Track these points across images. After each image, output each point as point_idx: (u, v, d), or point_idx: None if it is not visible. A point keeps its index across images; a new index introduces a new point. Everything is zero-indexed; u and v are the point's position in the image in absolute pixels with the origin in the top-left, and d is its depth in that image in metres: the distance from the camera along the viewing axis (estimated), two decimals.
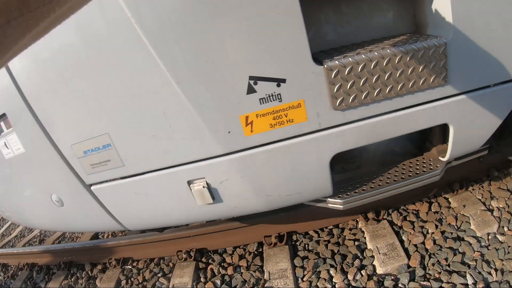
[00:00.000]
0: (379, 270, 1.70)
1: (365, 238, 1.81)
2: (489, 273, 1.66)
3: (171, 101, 1.15)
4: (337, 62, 1.07)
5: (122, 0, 1.02)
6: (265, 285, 1.72)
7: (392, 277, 1.65)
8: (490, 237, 1.81)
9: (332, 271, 1.74)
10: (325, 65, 1.07)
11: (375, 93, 1.12)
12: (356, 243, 1.80)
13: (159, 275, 2.09)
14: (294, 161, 1.19)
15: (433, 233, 1.82)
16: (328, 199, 1.30)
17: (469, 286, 1.60)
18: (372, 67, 1.09)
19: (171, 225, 1.49)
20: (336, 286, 1.67)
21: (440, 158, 1.38)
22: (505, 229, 1.84)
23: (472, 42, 1.20)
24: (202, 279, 1.92)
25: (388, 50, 1.09)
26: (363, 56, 1.08)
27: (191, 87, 1.12)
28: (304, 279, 1.76)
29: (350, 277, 1.69)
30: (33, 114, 1.31)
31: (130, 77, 1.14)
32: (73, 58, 1.16)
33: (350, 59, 1.07)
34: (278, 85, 1.09)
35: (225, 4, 1.01)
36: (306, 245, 1.84)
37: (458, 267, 1.68)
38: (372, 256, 1.75)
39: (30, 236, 3.52)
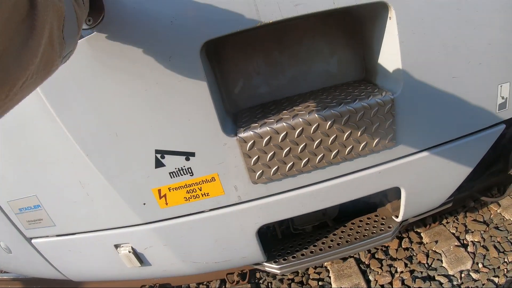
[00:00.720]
0: None
1: (329, 277, 1.73)
2: None
3: (85, 171, 1.07)
4: (251, 132, 0.92)
5: None
6: None
7: None
8: (463, 275, 1.68)
9: None
10: (238, 137, 0.92)
11: (302, 164, 0.97)
12: (320, 283, 1.72)
13: None
14: (216, 233, 1.09)
15: (402, 272, 1.70)
16: (265, 263, 1.21)
17: None
18: (296, 136, 0.93)
19: (110, 279, 1.48)
20: None
21: (393, 217, 1.22)
22: (480, 265, 1.69)
23: (423, 96, 0.99)
24: None
25: (316, 115, 0.92)
26: (284, 124, 0.91)
27: (100, 159, 1.02)
28: None
29: None
30: None
31: (45, 146, 1.07)
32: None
33: (267, 128, 0.91)
34: (187, 159, 0.97)
35: (126, 73, 0.87)
36: (270, 284, 1.79)
37: None
38: None
39: None
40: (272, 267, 1.20)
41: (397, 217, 1.20)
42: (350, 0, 0.86)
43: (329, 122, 0.93)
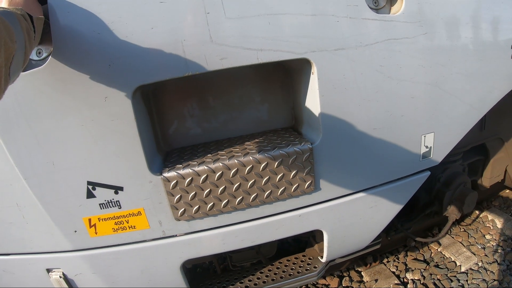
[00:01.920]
0: None
1: None
2: None
3: (22, 195, 1.13)
4: (175, 173, 1.01)
5: None
6: None
7: None
8: None
9: None
10: (162, 176, 1.01)
11: (222, 205, 1.06)
12: None
13: None
14: (142, 264, 1.15)
15: None
16: None
17: None
18: (216, 179, 1.03)
19: None
20: None
21: (319, 258, 1.30)
22: None
23: (344, 146, 1.11)
24: None
25: (236, 160, 1.02)
26: (205, 167, 1.01)
27: (37, 185, 1.09)
28: None
29: None
30: None
31: None
32: None
33: (189, 169, 1.01)
34: (116, 192, 1.05)
35: (66, 107, 0.97)
36: None
37: None
38: None
39: None
40: None
41: (322, 257, 1.28)
42: (273, 56, 0.99)
43: (248, 168, 1.03)
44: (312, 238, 1.35)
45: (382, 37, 1.05)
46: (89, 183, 1.06)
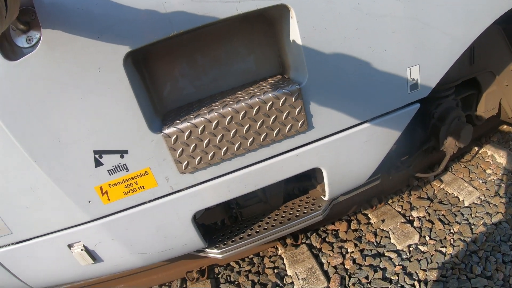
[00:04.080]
0: None
1: (284, 264, 1.91)
2: (413, 285, 1.74)
3: (34, 177, 1.24)
4: (174, 128, 1.11)
5: None
6: None
7: None
8: (411, 248, 1.88)
9: None
10: (163, 132, 1.11)
11: (222, 152, 1.17)
12: (276, 270, 1.91)
13: None
14: (156, 222, 1.27)
15: (352, 252, 1.90)
16: (207, 249, 1.39)
17: None
18: (213, 128, 1.13)
19: (66, 283, 1.63)
20: None
21: (322, 197, 1.42)
22: (427, 238, 1.90)
23: (331, 84, 1.20)
24: None
25: (229, 108, 1.12)
26: (201, 118, 1.12)
27: (47, 164, 1.20)
28: None
29: None
30: None
31: None
32: None
33: (187, 123, 1.12)
34: (122, 156, 1.16)
35: (63, 85, 1.06)
36: (228, 277, 1.97)
37: (380, 284, 1.77)
38: (292, 283, 1.86)
39: None
40: (213, 253, 1.38)
41: (324, 196, 1.40)
42: (251, 6, 1.08)
43: (241, 114, 1.14)
44: (314, 180, 1.47)
45: None
46: (95, 152, 1.16)
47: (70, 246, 1.41)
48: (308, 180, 1.56)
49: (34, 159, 1.22)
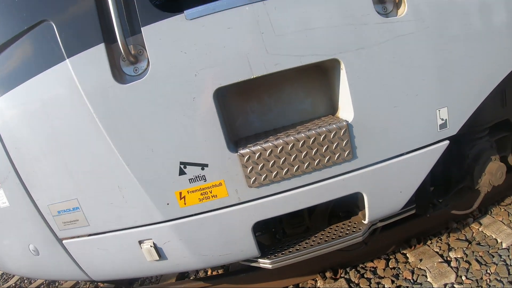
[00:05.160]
0: None
1: None
2: None
3: (124, 178, 1.56)
4: (247, 149, 1.42)
5: (87, 101, 1.44)
6: None
7: None
8: (447, 287, 1.94)
9: None
10: (238, 152, 1.42)
11: (284, 172, 1.44)
12: None
13: None
14: (221, 228, 1.52)
15: None
16: (259, 259, 1.59)
17: None
18: (278, 152, 1.43)
19: (127, 277, 1.84)
20: None
21: (363, 221, 1.62)
22: (463, 278, 1.97)
23: (372, 122, 1.49)
24: None
25: (292, 137, 1.42)
26: (269, 143, 1.42)
27: (137, 168, 1.52)
28: None
29: None
30: (18, 176, 1.69)
31: (93, 158, 1.57)
32: (51, 140, 1.58)
33: (259, 146, 1.42)
34: (202, 169, 1.46)
35: (162, 107, 1.41)
36: None
37: None
38: None
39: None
40: (265, 262, 1.58)
41: (364, 220, 1.60)
42: (311, 59, 1.42)
43: (301, 142, 1.43)
44: (356, 208, 1.67)
45: (392, 35, 1.47)
46: (181, 163, 1.48)
47: (140, 242, 1.66)
48: (351, 207, 1.77)
49: (127, 163, 1.54)
